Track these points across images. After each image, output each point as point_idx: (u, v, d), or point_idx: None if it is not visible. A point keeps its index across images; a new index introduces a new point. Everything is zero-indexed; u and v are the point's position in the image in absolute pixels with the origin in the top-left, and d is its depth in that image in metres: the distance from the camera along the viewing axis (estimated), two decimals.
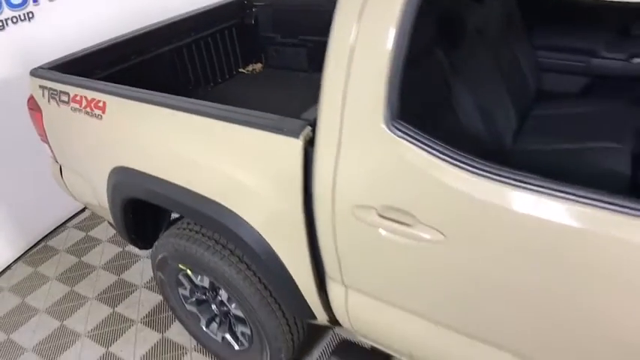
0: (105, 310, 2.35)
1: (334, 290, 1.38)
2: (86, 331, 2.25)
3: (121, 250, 2.75)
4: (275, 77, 2.85)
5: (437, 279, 1.11)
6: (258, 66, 2.96)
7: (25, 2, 2.53)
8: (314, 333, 2.00)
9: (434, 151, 1.00)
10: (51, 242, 2.89)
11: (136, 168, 1.58)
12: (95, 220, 3.03)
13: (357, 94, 1.07)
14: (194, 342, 2.09)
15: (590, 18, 1.98)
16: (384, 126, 1.04)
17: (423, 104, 1.28)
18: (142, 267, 2.60)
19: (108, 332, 2.23)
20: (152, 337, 2.17)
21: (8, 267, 2.73)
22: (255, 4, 2.80)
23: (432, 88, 1.40)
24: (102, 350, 2.14)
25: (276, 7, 2.81)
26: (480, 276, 1.05)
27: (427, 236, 1.05)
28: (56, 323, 2.31)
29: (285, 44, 2.85)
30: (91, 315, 2.34)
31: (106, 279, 2.55)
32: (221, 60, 2.78)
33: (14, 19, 2.48)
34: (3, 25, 2.44)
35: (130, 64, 2.25)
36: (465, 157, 0.98)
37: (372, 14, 1.01)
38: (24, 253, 2.81)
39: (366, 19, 1.02)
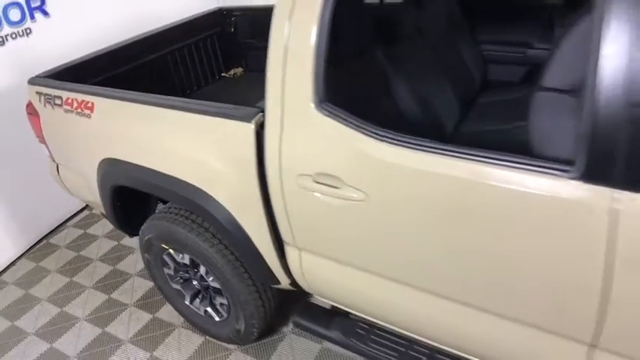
0: (101, 297, 2.59)
1: (290, 254, 1.61)
2: (84, 315, 2.49)
3: (117, 243, 3.00)
4: (255, 80, 3.10)
5: (367, 234, 1.35)
6: (239, 70, 3.22)
7: (23, 19, 2.81)
8: (292, 305, 2.21)
9: (353, 126, 1.25)
10: (52, 240, 3.14)
11: (120, 158, 1.83)
12: (93, 218, 3.28)
13: (292, 84, 1.31)
14: (182, 319, 2.32)
15: (525, 13, 2.22)
16: (314, 108, 1.29)
17: (359, 90, 1.53)
18: (135, 258, 2.84)
19: (104, 315, 2.47)
20: (144, 317, 2.41)
21: (12, 263, 2.98)
22: (233, 13, 3.06)
23: (370, 77, 1.65)
24: (99, 331, 2.38)
25: (253, 15, 3.08)
26: (401, 229, 1.28)
27: (353, 195, 1.28)
28: (56, 310, 2.55)
29: (263, 49, 3.09)
30: (88, 301, 2.58)
31: (103, 269, 2.79)
32: (204, 66, 3.04)
33: (13, 35, 2.76)
34: (3, 40, 2.72)
35: (119, 71, 2.52)
36: (377, 129, 1.23)
37: (298, 17, 1.26)
38: (27, 251, 3.06)
39: (294, 21, 1.27)
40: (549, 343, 1.17)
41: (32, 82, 2.16)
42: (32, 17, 2.85)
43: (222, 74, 3.17)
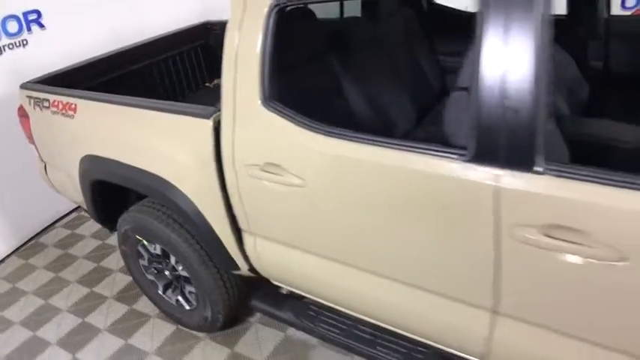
0: (83, 290, 2.75)
1: (247, 240, 1.79)
2: (67, 306, 2.64)
3: (102, 242, 3.17)
4: None
5: (307, 218, 1.52)
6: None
7: (20, 31, 3.04)
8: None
9: (293, 120, 1.43)
10: (41, 239, 3.32)
11: (99, 155, 2.02)
12: (81, 220, 3.45)
13: (242, 85, 1.51)
14: (156, 310, 2.47)
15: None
16: (260, 105, 1.48)
17: (311, 91, 1.72)
18: (118, 255, 2.99)
19: (85, 307, 2.62)
20: (121, 309, 2.57)
21: (2, 260, 3.15)
22: (215, 27, 3.29)
23: (323, 81, 1.84)
24: (79, 320, 2.53)
25: None
26: (336, 212, 1.45)
27: (294, 181, 1.46)
28: (41, 301, 2.71)
29: None
30: (71, 294, 2.74)
31: (87, 266, 2.96)
32: (188, 76, 3.26)
33: (10, 46, 2.99)
34: (0, 50, 2.94)
35: (106, 79, 2.72)
36: (314, 122, 1.41)
37: (246, 28, 1.46)
38: (17, 249, 3.23)
39: (243, 32, 1.47)
40: (459, 310, 1.33)
41: (23, 86, 2.36)
42: (29, 29, 3.08)
43: (205, 84, 3.38)
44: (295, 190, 1.47)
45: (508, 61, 1.08)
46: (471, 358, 1.41)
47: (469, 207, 1.18)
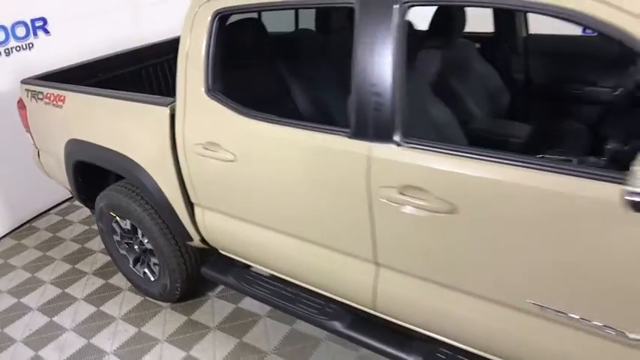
0: (67, 267, 3.08)
1: (197, 212, 2.11)
2: (50, 279, 2.97)
3: (88, 227, 3.51)
4: None
5: (238, 188, 1.85)
6: None
7: (28, 35, 3.46)
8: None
9: (228, 106, 1.77)
10: (34, 223, 3.67)
11: (80, 138, 2.37)
12: (72, 208, 3.81)
13: (191, 78, 1.86)
14: (128, 284, 2.79)
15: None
16: (204, 94, 1.82)
17: (254, 85, 2.04)
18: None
19: (66, 280, 2.95)
20: (98, 282, 2.89)
21: None
22: None
23: (267, 78, 2.17)
24: (59, 291, 2.85)
25: None
26: (261, 182, 1.77)
27: (228, 156, 1.79)
28: (28, 275, 3.05)
29: None
30: (55, 270, 3.07)
31: (72, 247, 3.30)
32: (174, 80, 3.62)
33: (17, 48, 3.40)
34: (9, 52, 3.35)
35: (97, 80, 3.09)
36: (243, 108, 1.74)
37: (195, 33, 1.81)
38: (12, 231, 3.58)
39: (193, 36, 1.82)
40: (350, 263, 1.63)
41: (24, 81, 2.75)
42: (35, 34, 3.50)
43: None
44: (229, 165, 1.80)
45: (374, 61, 1.40)
46: (366, 308, 1.71)
47: (351, 173, 1.49)
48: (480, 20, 2.42)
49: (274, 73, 2.22)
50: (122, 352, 2.35)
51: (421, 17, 2.00)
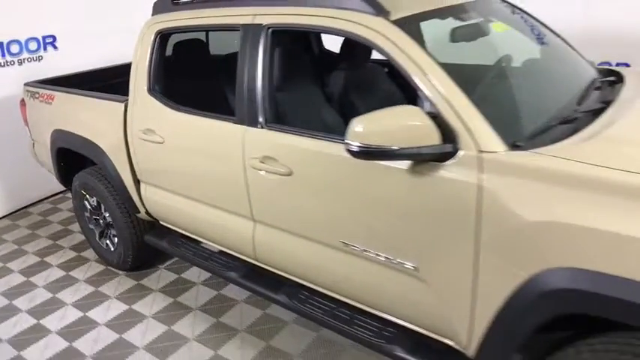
0: (49, 242, 3.70)
1: (141, 188, 2.69)
2: (33, 250, 3.59)
3: (73, 214, 4.13)
4: None
5: (167, 165, 2.44)
6: None
7: (38, 49, 4.21)
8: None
9: (160, 101, 2.38)
10: (30, 209, 4.33)
11: (62, 128, 3.01)
12: (64, 199, 4.45)
13: (139, 81, 2.49)
14: (95, 255, 3.36)
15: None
16: (147, 93, 2.44)
17: (179, 85, 2.63)
18: None
19: (46, 252, 3.55)
20: (72, 254, 3.48)
21: None
22: None
23: (193, 84, 2.76)
24: (39, 259, 3.45)
25: None
26: (182, 159, 2.35)
27: (158, 139, 2.38)
28: (15, 247, 3.67)
29: None
30: (39, 244, 3.68)
31: (57, 228, 3.92)
32: None
33: (29, 59, 4.15)
34: (22, 62, 4.10)
35: (89, 87, 3.77)
36: (170, 102, 2.34)
37: (142, 47, 2.46)
38: (9, 214, 4.23)
39: (141, 48, 2.46)
40: (236, 220, 2.17)
41: (26, 84, 3.45)
42: (45, 49, 4.25)
43: None
44: (159, 146, 2.39)
45: (249, 69, 1.99)
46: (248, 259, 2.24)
47: (233, 148, 2.05)
48: None
49: (196, 77, 2.81)
50: (80, 304, 2.91)
51: None
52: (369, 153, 1.44)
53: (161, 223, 2.80)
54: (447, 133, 1.47)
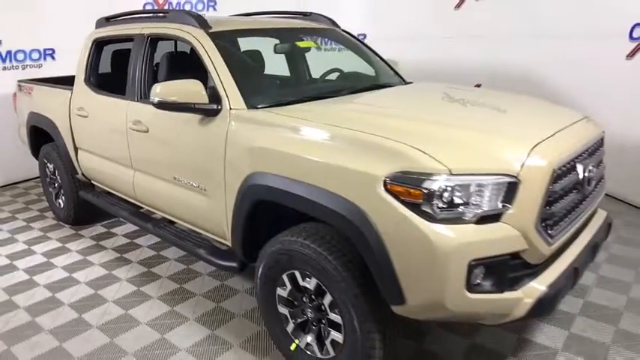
0: (22, 206, 4.76)
1: (79, 153, 3.73)
2: (23, 215, 4.65)
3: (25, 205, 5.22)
4: None
5: (90, 133, 3.46)
6: None
7: (39, 59, 5.46)
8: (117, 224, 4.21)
9: (92, 88, 3.45)
10: (19, 184, 5.45)
11: (35, 111, 4.13)
12: (26, 193, 5.55)
13: (79, 73, 3.58)
14: (56, 219, 4.39)
15: None
16: (83, 83, 3.51)
17: (109, 78, 3.69)
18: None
19: (20, 209, 4.61)
20: (50, 222, 4.51)
21: None
22: None
23: (114, 76, 3.83)
24: (22, 224, 4.50)
25: None
26: (98, 128, 3.37)
27: (85, 115, 3.42)
28: (4, 214, 4.76)
29: None
30: (16, 207, 4.75)
31: (33, 197, 5.00)
32: None
33: (31, 66, 5.39)
34: (25, 67, 5.34)
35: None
36: (95, 89, 3.40)
37: (85, 50, 3.55)
38: (2, 186, 5.37)
39: (83, 51, 3.56)
40: (125, 170, 3.15)
41: (18, 82, 4.63)
42: (45, 58, 5.50)
43: None
44: (86, 119, 3.43)
45: (134, 61, 3.02)
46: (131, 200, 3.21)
47: (121, 116, 3.05)
48: None
49: (116, 71, 3.86)
50: (71, 267, 3.91)
51: None
52: (162, 104, 2.41)
53: (92, 182, 3.82)
54: (217, 98, 2.42)
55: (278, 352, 2.40)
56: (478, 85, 5.56)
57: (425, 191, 1.70)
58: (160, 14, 3.05)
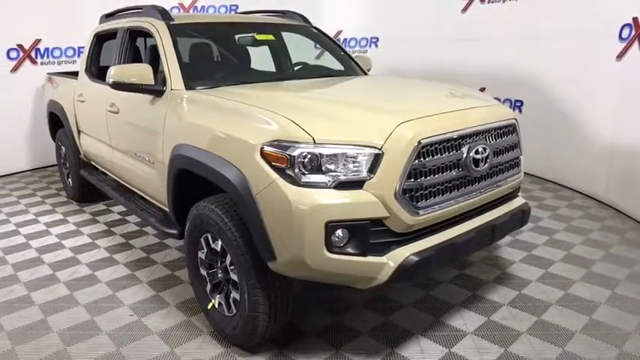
0: (30, 191, 5.38)
1: (81, 136, 4.23)
2: (26, 202, 5.29)
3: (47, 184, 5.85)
4: None
5: (86, 117, 3.94)
6: None
7: (73, 55, 6.15)
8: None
9: (90, 77, 3.93)
10: (49, 168, 6.14)
11: (52, 98, 4.73)
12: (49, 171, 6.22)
13: (82, 64, 4.09)
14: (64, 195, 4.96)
15: None
16: (85, 73, 4.01)
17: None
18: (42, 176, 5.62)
19: (39, 201, 5.23)
20: (61, 199, 5.10)
21: None
22: None
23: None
24: (12, 199, 5.13)
25: None
26: (91, 114, 3.84)
27: (83, 99, 3.91)
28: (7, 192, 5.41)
29: None
30: (40, 192, 5.39)
31: (33, 179, 5.63)
32: None
33: (65, 62, 6.10)
34: (60, 63, 6.05)
35: None
36: (91, 78, 3.88)
37: (88, 43, 4.06)
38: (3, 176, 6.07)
39: (87, 44, 4.07)
40: (105, 148, 3.57)
41: (48, 74, 5.28)
42: (78, 55, 6.18)
43: None
44: (84, 103, 3.92)
45: (117, 50, 3.45)
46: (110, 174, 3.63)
47: (102, 100, 3.48)
48: None
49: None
50: (62, 235, 4.46)
51: None
52: (116, 84, 2.78)
53: (90, 162, 4.31)
54: (164, 81, 2.77)
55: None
56: (482, 89, 5.59)
57: (288, 157, 1.92)
58: (139, 10, 3.47)
